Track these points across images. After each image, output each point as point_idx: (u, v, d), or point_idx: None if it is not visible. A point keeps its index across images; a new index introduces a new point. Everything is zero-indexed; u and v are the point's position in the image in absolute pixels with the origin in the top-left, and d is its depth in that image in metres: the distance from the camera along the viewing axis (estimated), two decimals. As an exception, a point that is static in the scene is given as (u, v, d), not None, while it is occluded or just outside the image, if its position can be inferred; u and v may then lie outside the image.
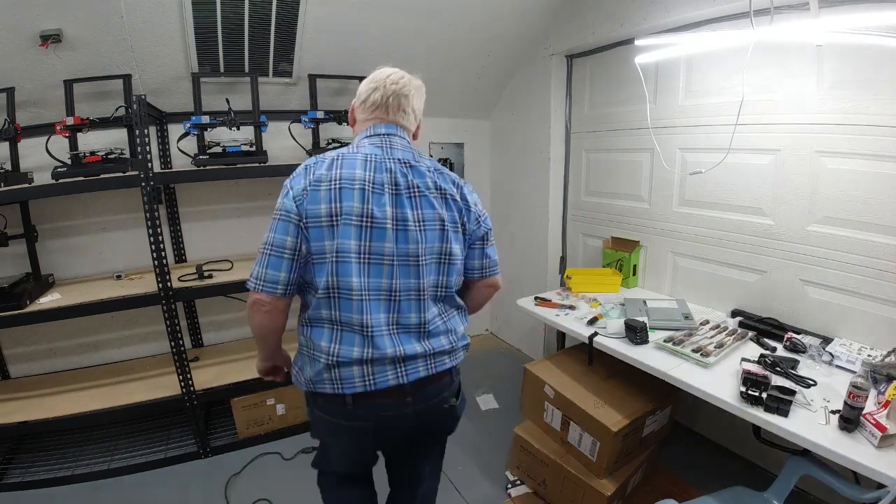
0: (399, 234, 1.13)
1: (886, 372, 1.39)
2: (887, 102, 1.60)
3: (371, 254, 1.12)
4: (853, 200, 1.73)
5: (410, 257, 1.15)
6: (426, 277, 1.17)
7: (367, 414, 1.18)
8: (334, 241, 1.10)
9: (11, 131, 1.98)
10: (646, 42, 1.94)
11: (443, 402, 1.27)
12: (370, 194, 1.11)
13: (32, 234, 2.26)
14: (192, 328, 2.76)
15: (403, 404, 1.18)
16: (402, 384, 1.16)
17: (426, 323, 1.18)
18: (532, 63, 2.95)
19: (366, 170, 1.13)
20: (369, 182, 1.12)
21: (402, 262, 1.14)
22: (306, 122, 2.47)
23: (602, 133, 2.71)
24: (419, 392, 1.19)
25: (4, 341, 2.43)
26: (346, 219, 1.09)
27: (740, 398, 1.40)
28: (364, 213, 1.10)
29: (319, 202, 1.09)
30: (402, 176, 1.15)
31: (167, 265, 2.06)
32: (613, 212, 2.71)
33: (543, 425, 2.03)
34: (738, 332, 1.85)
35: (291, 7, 2.19)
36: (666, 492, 1.99)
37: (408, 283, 1.15)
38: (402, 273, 1.15)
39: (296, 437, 2.48)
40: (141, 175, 1.95)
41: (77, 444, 2.35)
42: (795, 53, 1.81)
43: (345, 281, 1.11)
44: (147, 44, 2.12)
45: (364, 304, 1.12)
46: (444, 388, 1.26)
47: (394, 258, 1.13)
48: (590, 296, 2.37)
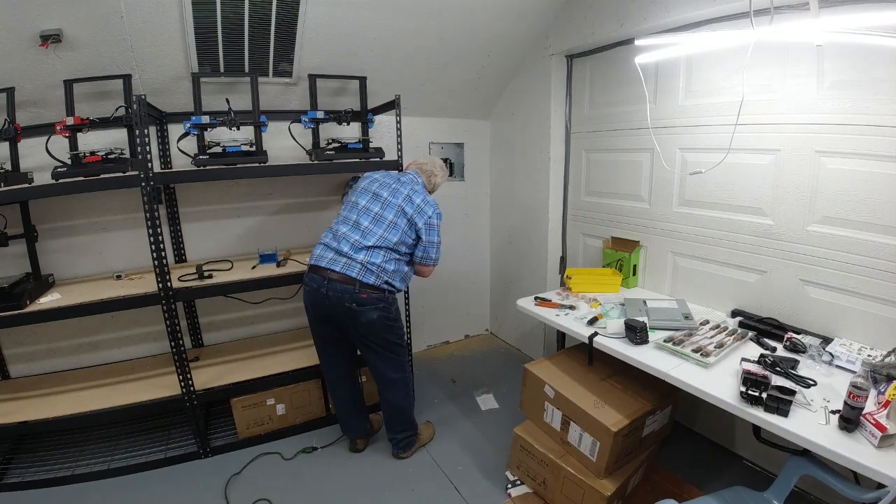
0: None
1: (886, 372, 1.39)
2: (887, 102, 1.60)
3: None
4: (853, 200, 1.73)
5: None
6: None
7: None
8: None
9: (11, 131, 1.98)
10: (646, 42, 1.94)
11: (344, 301, 1.90)
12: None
13: (32, 234, 2.26)
14: (192, 328, 2.76)
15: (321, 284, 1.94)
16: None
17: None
18: (532, 63, 2.95)
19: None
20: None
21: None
22: (306, 122, 2.47)
23: (602, 133, 2.71)
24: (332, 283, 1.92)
25: (4, 341, 2.43)
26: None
27: (740, 398, 1.40)
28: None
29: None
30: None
31: (167, 265, 2.06)
32: (613, 212, 2.71)
33: (543, 425, 2.03)
34: (738, 332, 1.85)
35: (291, 7, 2.19)
36: (666, 492, 2.00)
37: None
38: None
39: (296, 437, 2.48)
40: (141, 175, 1.95)
41: (77, 444, 2.35)
42: (795, 53, 1.81)
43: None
44: (147, 44, 2.12)
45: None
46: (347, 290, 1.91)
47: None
48: (590, 296, 2.37)
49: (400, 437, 2.28)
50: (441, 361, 3.36)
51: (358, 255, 1.92)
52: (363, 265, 1.91)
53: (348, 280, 1.90)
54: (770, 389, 1.36)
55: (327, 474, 2.22)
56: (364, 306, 1.92)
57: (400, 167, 2.52)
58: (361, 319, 1.94)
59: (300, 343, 2.78)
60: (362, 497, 2.08)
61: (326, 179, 2.97)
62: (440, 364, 3.32)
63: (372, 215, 1.99)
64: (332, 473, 2.23)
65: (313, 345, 2.21)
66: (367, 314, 1.93)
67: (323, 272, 1.93)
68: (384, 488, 2.13)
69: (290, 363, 2.50)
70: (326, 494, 2.10)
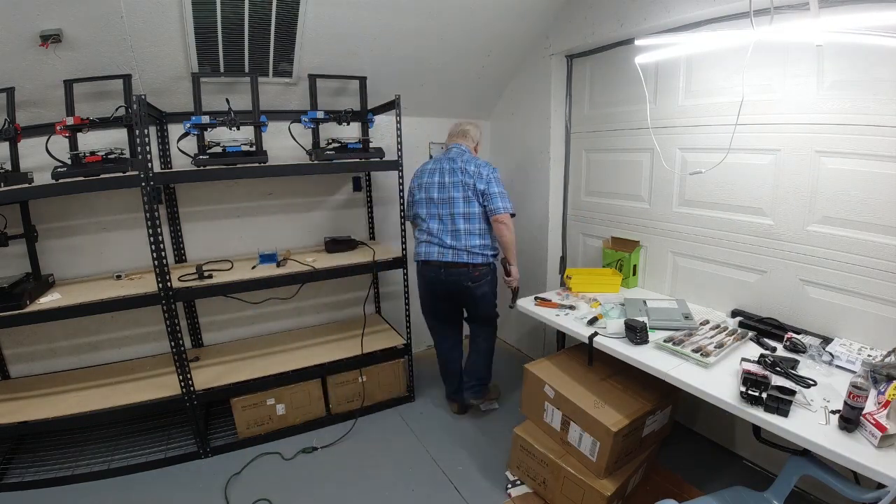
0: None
1: (886, 372, 1.39)
2: (887, 102, 1.60)
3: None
4: (853, 200, 1.73)
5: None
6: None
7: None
8: None
9: (11, 131, 1.98)
10: (646, 42, 1.94)
11: (462, 282, 2.39)
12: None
13: (32, 234, 2.27)
14: (192, 328, 2.77)
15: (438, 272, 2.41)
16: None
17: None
18: (532, 63, 2.95)
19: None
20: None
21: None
22: (306, 122, 2.47)
23: (602, 133, 2.71)
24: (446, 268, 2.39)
25: (4, 341, 2.43)
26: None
27: (740, 398, 1.40)
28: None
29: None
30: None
31: (167, 265, 2.06)
32: (613, 212, 2.71)
33: (543, 425, 2.03)
34: (738, 332, 1.85)
35: (291, 7, 2.19)
36: (666, 492, 2.00)
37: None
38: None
39: (296, 437, 2.48)
40: (141, 175, 1.95)
41: (77, 444, 2.36)
42: (795, 53, 1.81)
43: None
44: (147, 44, 2.12)
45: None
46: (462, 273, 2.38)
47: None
48: (590, 296, 2.37)
49: (476, 386, 2.61)
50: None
51: (459, 243, 2.34)
52: (467, 250, 2.34)
53: (461, 265, 2.35)
54: (770, 389, 1.36)
55: (327, 474, 2.22)
56: (477, 282, 2.40)
57: (400, 167, 2.52)
58: (477, 293, 2.43)
59: (300, 343, 2.78)
60: (362, 497, 2.08)
61: (326, 179, 2.97)
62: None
63: (447, 203, 2.36)
64: (331, 473, 2.23)
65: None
66: (480, 288, 2.42)
67: (435, 264, 2.38)
68: (384, 488, 2.13)
69: (290, 363, 2.50)
70: (326, 494, 2.10)
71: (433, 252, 2.37)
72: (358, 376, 2.62)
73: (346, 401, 2.64)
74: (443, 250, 2.35)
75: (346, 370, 2.58)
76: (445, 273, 2.37)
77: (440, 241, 2.36)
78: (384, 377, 2.71)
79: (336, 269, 2.47)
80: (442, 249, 2.36)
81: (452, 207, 2.34)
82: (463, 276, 2.36)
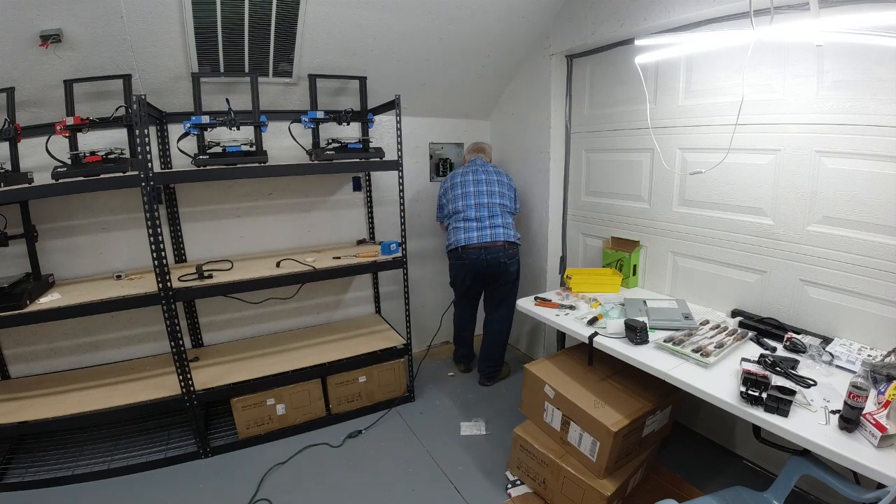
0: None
1: (886, 372, 1.39)
2: (887, 102, 1.60)
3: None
4: (853, 200, 1.73)
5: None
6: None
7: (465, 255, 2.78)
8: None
9: (11, 131, 1.98)
10: (646, 42, 1.94)
11: (499, 258, 2.72)
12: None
13: (32, 234, 2.26)
14: (192, 328, 2.76)
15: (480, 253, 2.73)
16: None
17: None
18: (532, 63, 2.95)
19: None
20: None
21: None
22: (306, 122, 2.47)
23: (602, 133, 2.71)
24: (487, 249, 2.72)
25: (4, 341, 2.43)
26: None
27: (740, 398, 1.40)
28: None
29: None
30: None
31: (167, 265, 2.06)
32: (613, 212, 2.71)
33: (543, 425, 2.03)
34: (738, 332, 1.85)
35: (291, 7, 2.19)
36: (666, 492, 2.00)
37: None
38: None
39: (296, 438, 2.48)
40: (141, 175, 1.95)
41: (77, 444, 2.35)
42: (795, 53, 1.81)
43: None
44: (147, 44, 2.12)
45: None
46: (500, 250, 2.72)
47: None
48: (590, 296, 2.37)
49: (491, 369, 2.99)
50: (441, 361, 3.35)
51: (497, 221, 2.73)
52: (504, 228, 2.72)
53: (497, 244, 2.69)
54: (770, 389, 1.36)
55: (326, 474, 2.22)
56: (511, 259, 2.75)
57: (400, 167, 2.52)
58: (511, 269, 2.78)
59: (300, 343, 2.78)
60: (362, 497, 2.08)
61: (326, 179, 2.97)
62: (440, 364, 3.32)
63: (486, 194, 2.77)
64: (331, 473, 2.23)
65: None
66: (513, 266, 2.78)
67: (475, 247, 2.69)
68: (384, 488, 2.13)
69: (289, 363, 2.50)
70: (326, 494, 2.10)
71: (473, 237, 2.70)
72: (358, 376, 2.62)
73: (346, 401, 2.64)
74: (482, 232, 2.70)
75: (346, 370, 2.58)
76: (485, 253, 2.70)
77: (479, 224, 2.72)
78: (384, 377, 2.71)
79: (336, 269, 2.47)
80: (481, 233, 2.70)
81: (491, 198, 2.76)
82: (500, 254, 2.70)
